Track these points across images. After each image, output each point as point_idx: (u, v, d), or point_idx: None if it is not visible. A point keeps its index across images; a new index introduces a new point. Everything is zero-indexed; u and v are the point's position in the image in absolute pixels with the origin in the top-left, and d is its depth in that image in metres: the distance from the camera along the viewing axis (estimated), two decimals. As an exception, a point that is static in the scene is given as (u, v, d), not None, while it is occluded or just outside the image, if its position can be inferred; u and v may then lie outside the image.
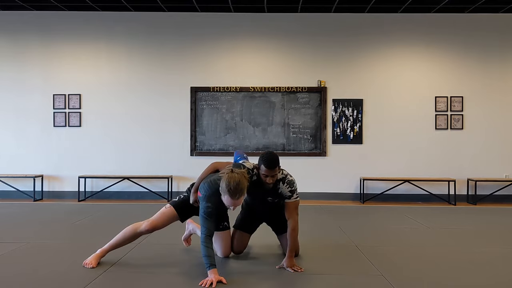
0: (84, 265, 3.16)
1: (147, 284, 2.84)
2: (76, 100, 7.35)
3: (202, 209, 2.94)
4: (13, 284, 2.82)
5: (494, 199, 7.13)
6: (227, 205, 2.93)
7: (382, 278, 2.97)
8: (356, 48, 7.32)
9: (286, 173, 3.31)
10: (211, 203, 2.94)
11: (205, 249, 2.85)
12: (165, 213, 3.24)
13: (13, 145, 7.37)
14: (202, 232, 2.91)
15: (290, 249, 3.15)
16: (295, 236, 3.17)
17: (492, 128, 7.26)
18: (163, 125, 7.35)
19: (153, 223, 3.20)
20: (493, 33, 7.24)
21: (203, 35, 7.34)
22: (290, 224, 3.18)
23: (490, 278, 3.00)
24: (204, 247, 2.85)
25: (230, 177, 2.86)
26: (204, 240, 2.86)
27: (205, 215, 2.92)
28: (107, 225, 4.88)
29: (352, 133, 7.28)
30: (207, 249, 2.85)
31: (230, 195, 2.84)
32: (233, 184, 2.82)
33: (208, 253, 2.84)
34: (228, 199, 2.87)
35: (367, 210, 6.18)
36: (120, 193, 7.33)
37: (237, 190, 2.83)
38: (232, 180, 2.83)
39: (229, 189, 2.83)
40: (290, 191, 3.22)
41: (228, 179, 2.85)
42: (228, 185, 2.83)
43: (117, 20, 7.35)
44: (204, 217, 2.91)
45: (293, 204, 3.23)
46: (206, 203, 2.94)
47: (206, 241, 2.86)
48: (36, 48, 7.36)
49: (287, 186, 3.23)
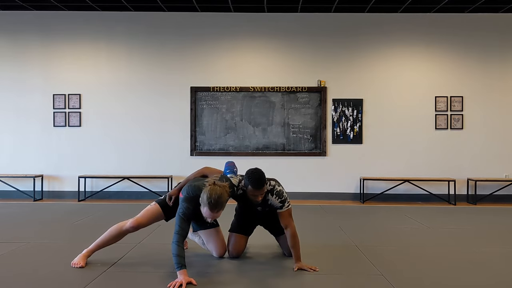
0: (72, 265, 3.15)
1: (147, 283, 2.84)
2: (76, 100, 7.35)
3: (180, 209, 2.94)
4: (13, 284, 2.82)
5: (494, 199, 7.13)
6: (205, 216, 2.92)
7: (382, 278, 2.97)
8: (356, 48, 7.32)
9: (273, 183, 3.22)
10: (191, 205, 2.94)
11: (177, 248, 2.80)
12: (150, 210, 3.22)
13: (13, 145, 7.37)
14: (175, 231, 2.86)
15: (297, 257, 3.14)
16: (296, 242, 3.16)
17: (492, 128, 7.26)
18: (163, 125, 7.35)
19: (137, 220, 3.17)
20: (493, 33, 7.24)
21: (203, 35, 7.34)
22: (289, 232, 3.15)
23: (490, 278, 3.00)
24: (177, 246, 2.80)
25: (212, 189, 2.84)
26: (178, 240, 2.82)
27: (182, 215, 2.90)
28: (107, 225, 4.86)
29: (352, 133, 7.28)
30: (178, 248, 2.80)
31: (209, 208, 2.83)
32: (214, 197, 2.81)
33: (179, 252, 2.79)
34: (207, 212, 2.86)
35: (367, 210, 6.18)
36: (120, 193, 7.33)
37: (217, 204, 2.83)
38: (214, 193, 2.82)
39: (209, 202, 2.82)
40: (280, 201, 3.18)
41: (210, 191, 2.83)
42: (209, 198, 2.81)
43: (117, 20, 7.35)
44: (181, 216, 2.89)
45: (287, 212, 3.20)
46: (186, 204, 2.94)
47: (179, 240, 2.82)
48: (36, 48, 7.36)
49: (276, 197, 3.18)
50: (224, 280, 2.91)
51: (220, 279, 2.94)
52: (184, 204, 2.94)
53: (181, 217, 2.90)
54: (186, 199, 2.97)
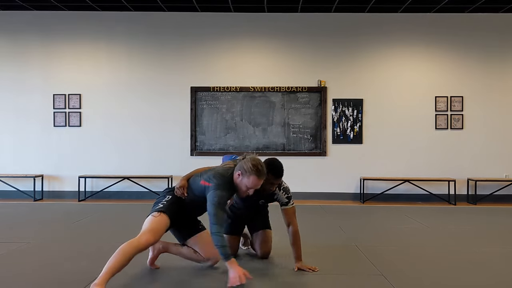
0: None
1: (147, 283, 2.84)
2: (76, 100, 7.36)
3: (215, 197, 2.73)
4: (13, 284, 2.82)
5: (494, 199, 7.13)
6: (247, 188, 2.80)
7: (382, 278, 2.97)
8: (356, 48, 7.32)
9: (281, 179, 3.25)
10: (225, 192, 2.80)
11: (220, 239, 2.64)
12: (159, 222, 2.83)
13: (13, 145, 7.37)
14: (214, 222, 2.68)
15: (298, 256, 3.16)
16: (298, 240, 3.16)
17: (492, 128, 7.26)
18: (163, 125, 7.35)
19: (154, 237, 2.77)
20: (493, 33, 7.24)
21: (203, 35, 7.34)
22: (292, 229, 3.16)
23: (490, 278, 3.00)
24: (220, 237, 2.65)
25: (254, 159, 2.81)
26: (219, 230, 2.66)
27: (218, 204, 2.72)
28: (107, 225, 4.89)
29: (352, 133, 7.28)
30: (222, 239, 2.65)
31: (257, 175, 2.76)
32: (259, 164, 2.77)
33: (224, 242, 2.66)
34: (254, 180, 2.77)
35: (367, 210, 6.18)
36: (120, 193, 7.33)
37: (263, 169, 2.79)
38: (256, 161, 2.78)
39: (256, 169, 2.75)
40: (287, 197, 3.19)
41: (251, 161, 2.79)
42: (254, 166, 2.76)
43: (117, 20, 7.35)
44: (216, 206, 2.71)
45: (292, 209, 3.20)
46: (220, 192, 2.77)
47: (220, 230, 2.68)
48: (36, 48, 7.37)
49: (283, 193, 3.19)
50: (223, 280, 2.91)
51: (219, 279, 2.94)
52: (219, 192, 2.76)
53: (217, 206, 2.71)
54: (219, 187, 2.78)
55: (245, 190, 2.84)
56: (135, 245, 2.68)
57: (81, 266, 3.20)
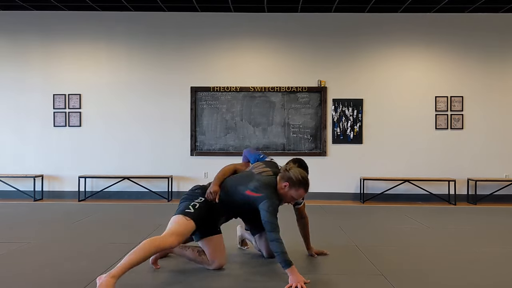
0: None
1: (147, 283, 2.84)
2: (76, 100, 7.36)
3: (270, 207, 2.84)
4: (13, 284, 2.82)
5: (494, 199, 7.13)
6: (293, 198, 3.02)
7: (382, 278, 2.97)
8: (356, 48, 7.32)
9: None
10: (276, 200, 2.94)
11: (280, 246, 2.72)
12: (184, 225, 2.84)
13: (13, 145, 7.37)
14: (272, 229, 2.77)
15: (309, 239, 3.51)
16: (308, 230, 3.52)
17: (492, 128, 7.26)
18: (163, 125, 7.35)
19: (178, 239, 2.78)
20: (493, 33, 7.24)
21: (203, 35, 7.34)
22: (305, 221, 3.48)
23: (490, 278, 3.00)
24: (280, 244, 2.73)
25: (301, 171, 3.01)
26: (278, 237, 2.75)
27: (273, 212, 2.84)
28: (107, 225, 4.88)
29: (352, 133, 7.28)
30: (282, 245, 2.73)
31: (305, 189, 2.99)
32: (305, 177, 2.98)
33: (284, 249, 2.74)
34: (302, 193, 2.99)
35: (367, 210, 6.18)
36: (120, 193, 7.33)
37: (309, 182, 3.03)
38: (305, 174, 3.00)
39: (306, 182, 2.98)
40: (302, 198, 3.27)
41: (301, 173, 2.99)
42: (304, 178, 2.97)
43: (117, 20, 7.35)
44: (272, 214, 2.83)
45: (303, 206, 3.47)
46: (274, 201, 2.89)
47: (279, 237, 2.76)
48: (36, 48, 7.37)
49: None
50: (221, 281, 2.91)
51: (218, 279, 2.93)
52: (271, 202, 2.86)
53: (272, 214, 2.82)
54: (270, 196, 2.89)
55: (290, 200, 3.04)
56: (157, 244, 2.69)
57: (81, 266, 3.19)
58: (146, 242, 2.67)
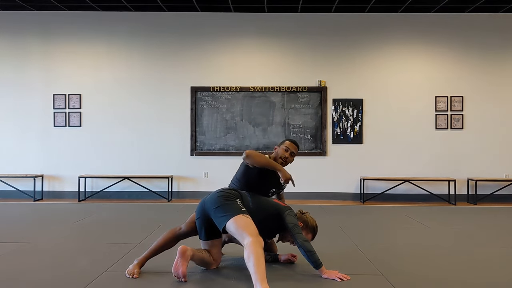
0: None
1: (147, 283, 2.84)
2: (76, 100, 7.36)
3: (295, 215, 3.15)
4: (13, 284, 2.82)
5: (494, 199, 7.13)
6: None
7: (382, 278, 2.97)
8: (356, 48, 7.32)
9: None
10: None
11: (310, 245, 2.94)
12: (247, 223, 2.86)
13: (13, 145, 7.37)
14: (300, 231, 3.00)
15: None
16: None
17: (492, 128, 7.26)
18: (163, 125, 7.35)
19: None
20: (493, 33, 7.24)
21: (203, 35, 7.34)
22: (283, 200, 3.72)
23: (490, 278, 3.00)
24: (309, 244, 2.94)
25: (315, 220, 3.30)
26: (306, 238, 2.98)
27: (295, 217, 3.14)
28: (107, 225, 4.89)
29: (352, 133, 7.29)
30: (311, 245, 2.95)
31: (313, 235, 3.26)
32: (316, 226, 3.28)
33: (313, 248, 2.95)
34: (310, 238, 3.23)
35: (367, 210, 6.18)
36: (120, 193, 7.33)
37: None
38: (314, 223, 3.27)
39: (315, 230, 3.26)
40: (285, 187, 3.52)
41: (315, 222, 3.29)
42: (316, 227, 3.28)
43: (117, 20, 7.35)
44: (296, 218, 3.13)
45: (283, 193, 3.70)
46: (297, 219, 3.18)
47: (306, 238, 2.98)
48: (36, 48, 7.37)
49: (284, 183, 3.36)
50: (219, 281, 2.91)
51: (217, 280, 2.94)
52: (294, 213, 3.19)
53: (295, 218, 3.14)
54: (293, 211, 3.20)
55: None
56: (260, 249, 2.71)
57: (81, 266, 3.20)
58: (255, 249, 2.66)
